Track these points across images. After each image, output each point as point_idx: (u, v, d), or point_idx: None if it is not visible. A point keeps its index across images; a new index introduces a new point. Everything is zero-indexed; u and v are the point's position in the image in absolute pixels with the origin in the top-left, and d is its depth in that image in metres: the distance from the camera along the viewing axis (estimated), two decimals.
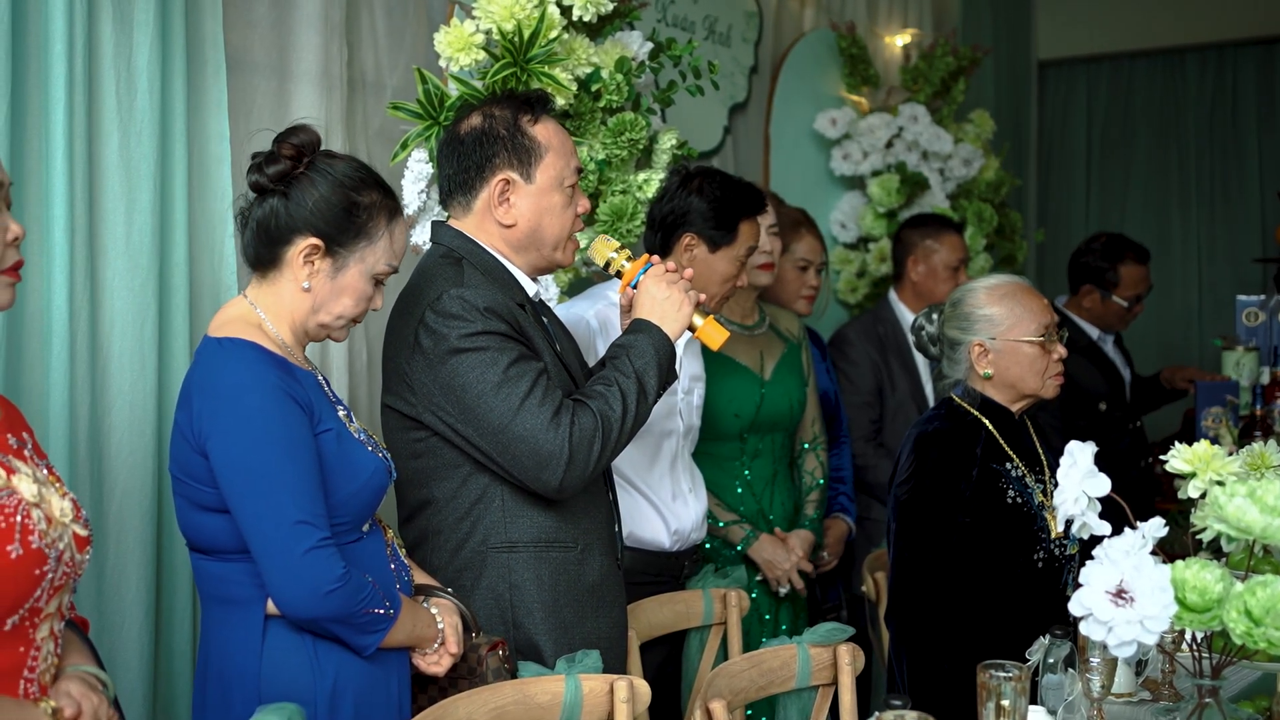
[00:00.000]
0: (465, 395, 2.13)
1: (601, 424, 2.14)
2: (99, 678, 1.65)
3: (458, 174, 2.29)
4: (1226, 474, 1.98)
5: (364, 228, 1.97)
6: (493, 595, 2.21)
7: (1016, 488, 2.57)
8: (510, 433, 2.11)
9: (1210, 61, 6.61)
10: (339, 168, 1.98)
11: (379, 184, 2.02)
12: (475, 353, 2.13)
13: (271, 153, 1.97)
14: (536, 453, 2.11)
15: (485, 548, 2.21)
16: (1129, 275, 4.40)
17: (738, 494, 3.21)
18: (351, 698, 1.92)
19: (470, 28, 2.69)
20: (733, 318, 3.26)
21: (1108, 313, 4.43)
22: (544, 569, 2.22)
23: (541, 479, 2.13)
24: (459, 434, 2.17)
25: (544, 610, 2.22)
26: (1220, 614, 1.69)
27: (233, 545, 1.89)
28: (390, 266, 2.02)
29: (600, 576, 2.29)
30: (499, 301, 2.17)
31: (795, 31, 4.70)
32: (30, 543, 1.51)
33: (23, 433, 1.68)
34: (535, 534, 2.22)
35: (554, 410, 2.11)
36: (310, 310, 1.98)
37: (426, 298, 2.18)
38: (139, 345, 2.43)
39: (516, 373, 2.12)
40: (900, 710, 1.64)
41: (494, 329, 2.14)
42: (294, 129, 1.99)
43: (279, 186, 1.95)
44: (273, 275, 1.98)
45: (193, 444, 1.88)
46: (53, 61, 2.27)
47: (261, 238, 1.98)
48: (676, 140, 3.04)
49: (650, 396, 2.21)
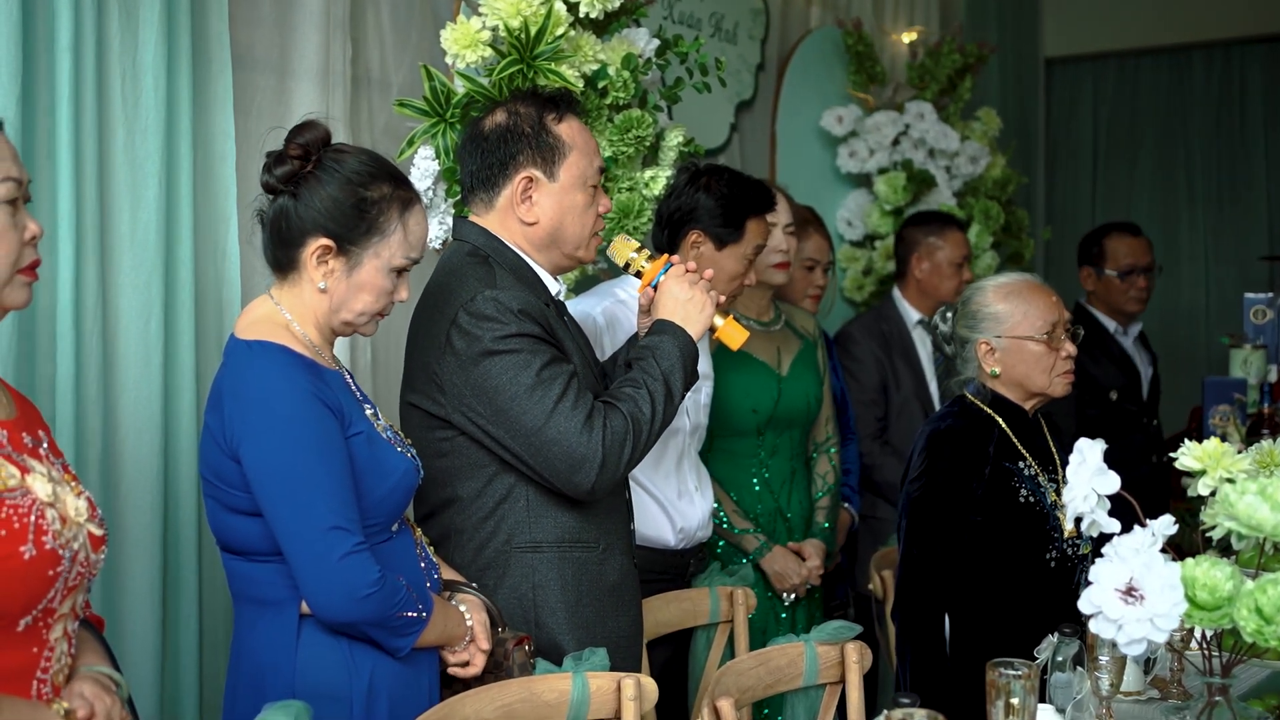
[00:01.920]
0: (498, 397, 2.13)
1: (632, 426, 2.14)
2: (113, 678, 1.64)
3: (480, 170, 2.28)
4: (1237, 471, 1.96)
5: (375, 223, 1.95)
6: (516, 595, 2.21)
7: (1029, 487, 2.56)
8: (544, 436, 2.11)
9: (1217, 59, 6.60)
10: (348, 164, 1.96)
11: (391, 176, 1.99)
12: (509, 355, 2.12)
13: (280, 153, 1.96)
14: (570, 455, 2.11)
15: (509, 547, 2.21)
16: (1114, 247, 4.41)
17: (756, 492, 3.20)
18: (386, 697, 1.92)
19: (477, 24, 2.69)
20: (749, 314, 3.25)
21: (1110, 294, 4.41)
22: (567, 569, 2.23)
23: (574, 481, 2.13)
24: (490, 435, 2.16)
25: (567, 610, 2.22)
26: (1230, 612, 1.68)
27: (265, 547, 1.88)
28: (408, 259, 1.99)
29: (620, 576, 2.30)
30: (531, 303, 2.17)
31: (802, 29, 4.69)
32: (44, 543, 1.50)
33: (39, 430, 1.66)
34: (559, 534, 2.22)
35: (587, 413, 2.12)
36: (331, 310, 1.97)
37: (459, 298, 2.17)
38: (145, 342, 2.43)
39: (549, 375, 2.12)
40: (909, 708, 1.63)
41: (527, 331, 2.14)
42: (301, 126, 1.97)
43: (288, 187, 1.94)
44: (292, 277, 1.97)
45: (224, 448, 1.87)
46: (59, 59, 2.27)
47: (276, 240, 1.97)
48: (683, 138, 3.03)
49: (676, 398, 2.22)
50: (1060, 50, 6.78)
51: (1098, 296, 4.46)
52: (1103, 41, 6.70)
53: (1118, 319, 4.43)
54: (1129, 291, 4.39)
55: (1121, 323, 4.44)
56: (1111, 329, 4.42)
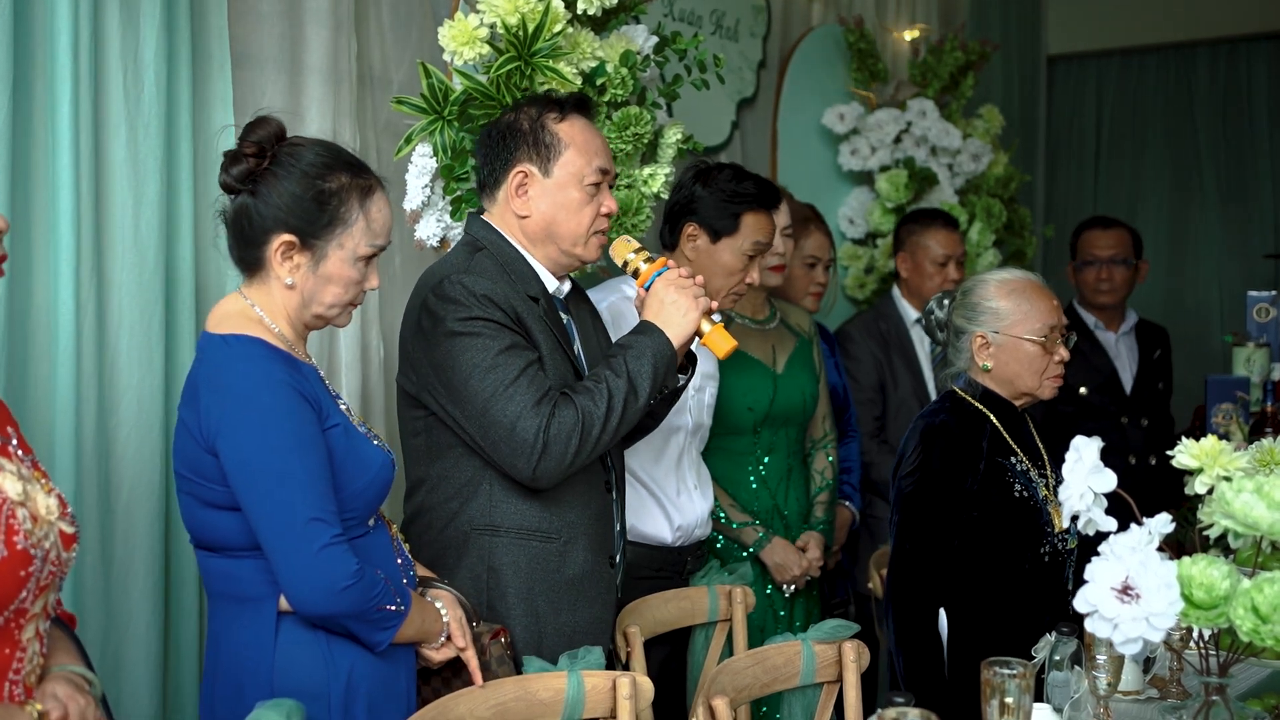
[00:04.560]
0: (454, 376, 2.18)
1: (583, 419, 2.16)
2: (85, 677, 1.62)
3: (485, 167, 2.37)
4: (1234, 469, 1.96)
5: (337, 214, 1.94)
6: (471, 576, 2.24)
7: (1022, 482, 2.55)
8: (489, 416, 2.15)
9: (1221, 56, 6.57)
10: (304, 157, 1.94)
11: (348, 164, 1.98)
12: (468, 337, 2.17)
13: (235, 151, 1.94)
14: (512, 439, 2.14)
15: (470, 528, 2.25)
16: (1083, 240, 4.46)
17: (752, 489, 3.20)
18: (365, 694, 1.92)
19: (474, 22, 2.68)
20: (744, 312, 3.25)
21: (1080, 286, 4.46)
22: (522, 556, 2.25)
23: (516, 466, 2.16)
24: (450, 415, 2.22)
25: (517, 597, 2.25)
26: (1227, 611, 1.67)
27: (243, 542, 1.88)
28: (374, 246, 1.98)
29: (582, 571, 2.30)
30: (499, 292, 2.21)
31: (803, 26, 4.68)
32: (15, 543, 1.47)
33: (7, 427, 1.64)
34: (518, 521, 2.25)
35: (536, 400, 2.14)
36: (301, 305, 1.97)
37: (432, 281, 2.24)
38: (146, 341, 2.43)
39: (505, 360, 2.16)
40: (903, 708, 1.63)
41: (489, 316, 2.18)
42: (254, 123, 1.95)
43: (246, 185, 1.93)
44: (260, 275, 1.97)
45: (200, 442, 1.87)
46: (58, 56, 2.27)
47: (239, 240, 1.96)
48: (682, 135, 3.02)
49: (641, 397, 2.22)
50: (1063, 47, 6.76)
51: (1081, 294, 4.48)
52: (1106, 39, 6.68)
53: (1099, 315, 4.42)
54: (1093, 283, 4.40)
55: (1104, 319, 4.42)
56: (1091, 325, 4.41)
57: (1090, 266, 4.39)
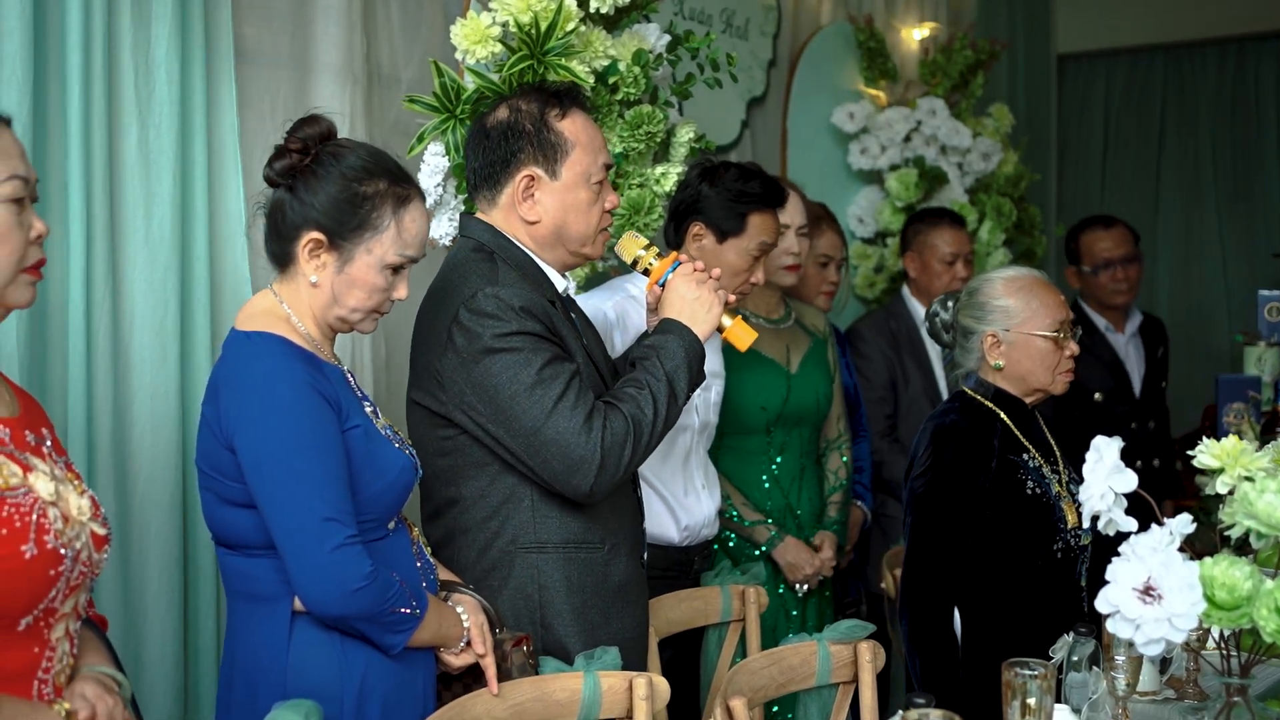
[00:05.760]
0: (498, 396, 2.10)
1: (633, 428, 2.12)
2: (115, 678, 1.63)
3: (483, 167, 2.27)
4: (1256, 469, 1.94)
5: (368, 218, 1.93)
6: (522, 596, 2.19)
7: (1035, 478, 2.55)
8: (542, 436, 2.09)
9: (1230, 55, 6.57)
10: (346, 159, 1.94)
11: (389, 172, 1.97)
12: (509, 353, 2.10)
13: (280, 147, 1.95)
14: (568, 457, 2.09)
15: (514, 547, 2.19)
16: (1089, 243, 4.40)
17: (765, 489, 3.19)
18: (379, 697, 1.90)
19: (487, 20, 2.67)
20: (759, 312, 3.24)
21: (1095, 290, 4.40)
22: (573, 570, 2.20)
23: (572, 484, 2.11)
24: (489, 434, 2.14)
25: (573, 612, 2.20)
26: (1250, 611, 1.66)
27: (260, 541, 1.87)
28: (403, 256, 1.97)
29: (625, 576, 2.27)
30: (534, 301, 2.14)
31: (813, 25, 4.67)
32: (45, 542, 1.49)
33: (42, 428, 1.65)
34: (564, 534, 2.20)
35: (586, 414, 2.09)
36: (325, 305, 1.96)
37: (461, 295, 2.15)
38: (160, 339, 2.42)
39: (550, 374, 2.10)
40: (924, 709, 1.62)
41: (528, 329, 2.11)
42: (305, 120, 1.96)
43: (286, 180, 1.94)
44: (290, 270, 1.97)
45: (220, 438, 1.87)
46: (70, 55, 2.27)
47: (273, 233, 1.97)
48: (694, 134, 3.01)
49: (680, 399, 2.19)
50: (1072, 46, 6.75)
51: (1086, 294, 4.44)
52: (1115, 38, 6.68)
53: (1108, 316, 4.40)
54: (1110, 285, 4.37)
55: (1113, 320, 4.41)
56: (1102, 328, 4.39)
57: (1106, 270, 4.35)
